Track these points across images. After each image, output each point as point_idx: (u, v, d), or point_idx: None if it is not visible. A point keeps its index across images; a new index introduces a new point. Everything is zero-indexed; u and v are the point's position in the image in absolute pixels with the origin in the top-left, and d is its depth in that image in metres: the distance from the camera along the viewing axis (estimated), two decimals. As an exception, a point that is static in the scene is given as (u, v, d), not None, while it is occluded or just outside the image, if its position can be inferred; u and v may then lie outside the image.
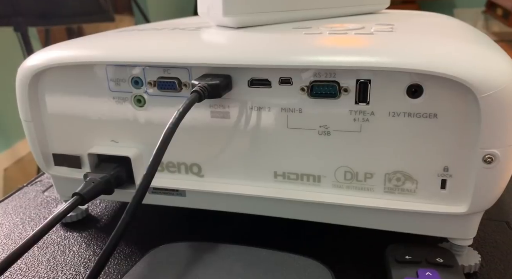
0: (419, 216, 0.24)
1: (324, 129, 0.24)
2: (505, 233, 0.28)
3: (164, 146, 0.20)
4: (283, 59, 0.22)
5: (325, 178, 0.25)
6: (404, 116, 0.22)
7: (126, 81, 0.26)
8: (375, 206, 0.24)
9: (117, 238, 0.18)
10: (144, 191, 0.19)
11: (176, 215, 0.32)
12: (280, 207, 0.26)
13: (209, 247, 0.25)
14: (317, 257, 0.23)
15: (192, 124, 0.26)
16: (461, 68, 0.20)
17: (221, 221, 0.31)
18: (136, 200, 0.19)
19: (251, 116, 0.25)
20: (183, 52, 0.24)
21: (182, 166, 0.27)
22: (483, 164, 0.21)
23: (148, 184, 0.19)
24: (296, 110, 0.24)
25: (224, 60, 0.23)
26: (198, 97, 0.22)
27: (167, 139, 0.20)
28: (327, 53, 0.22)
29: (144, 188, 0.19)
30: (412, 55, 0.21)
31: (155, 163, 0.19)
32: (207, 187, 0.27)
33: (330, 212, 0.25)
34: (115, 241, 0.18)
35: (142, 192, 0.19)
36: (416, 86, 0.22)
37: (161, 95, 0.26)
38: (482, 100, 0.20)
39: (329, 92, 0.23)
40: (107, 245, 0.18)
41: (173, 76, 0.25)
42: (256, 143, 0.25)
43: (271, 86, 0.24)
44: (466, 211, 0.22)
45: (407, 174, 0.23)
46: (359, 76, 0.22)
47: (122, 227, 0.18)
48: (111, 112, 0.27)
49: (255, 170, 0.26)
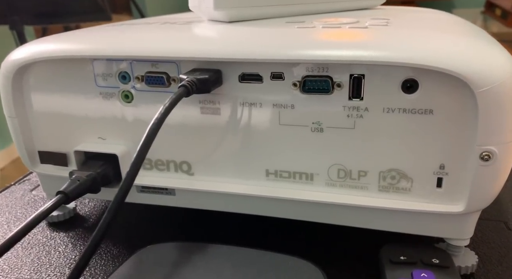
0: (414, 215, 0.23)
1: (317, 126, 0.23)
2: (503, 233, 0.27)
3: (148, 142, 0.19)
4: (274, 53, 0.22)
5: (318, 176, 0.24)
6: (399, 112, 0.22)
7: (113, 76, 0.25)
8: (369, 205, 0.23)
9: (99, 239, 0.17)
10: (127, 188, 0.18)
11: (166, 215, 0.31)
12: (272, 206, 0.25)
13: (198, 247, 0.25)
14: (309, 258, 0.23)
15: (181, 121, 0.25)
16: (458, 62, 0.19)
17: (211, 221, 0.30)
18: (119, 199, 0.18)
19: (242, 112, 0.24)
20: (172, 45, 0.24)
21: (172, 163, 0.27)
22: (480, 162, 0.20)
23: (131, 181, 0.18)
24: (288, 107, 0.23)
25: (214, 54, 0.23)
26: (186, 92, 0.21)
27: (151, 135, 0.19)
28: (320, 47, 0.21)
29: (127, 185, 0.18)
30: (407, 49, 0.20)
31: (139, 159, 0.18)
32: (197, 186, 0.26)
33: (323, 211, 0.25)
34: (96, 241, 0.17)
35: (125, 190, 0.18)
36: (411, 81, 0.21)
37: (149, 90, 0.25)
38: (479, 96, 0.19)
39: (322, 88, 0.22)
40: (88, 246, 0.17)
41: (161, 71, 0.24)
42: (248, 140, 0.24)
43: (262, 81, 0.23)
44: (462, 210, 0.22)
45: (402, 172, 0.23)
46: (353, 71, 0.22)
47: (103, 226, 0.18)
48: (98, 108, 0.26)
49: (247, 168, 0.25)
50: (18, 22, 1.08)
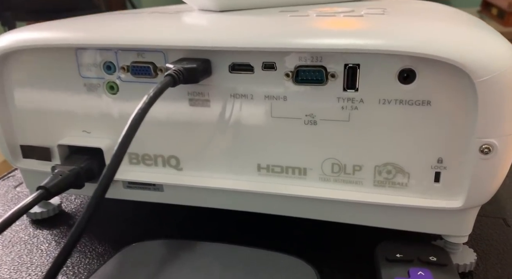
0: (411, 211, 0.22)
1: (310, 119, 0.22)
2: (502, 230, 0.26)
3: (130, 134, 0.18)
4: (265, 41, 0.21)
5: (311, 171, 0.23)
6: (396, 103, 0.21)
7: (97, 66, 0.24)
8: (364, 201, 0.22)
9: (77, 237, 0.16)
10: (107, 183, 0.17)
11: (154, 212, 0.30)
12: (263, 202, 0.24)
13: (186, 245, 0.24)
14: (301, 256, 0.22)
15: (169, 113, 0.24)
16: (457, 51, 0.18)
17: (201, 218, 0.29)
18: (98, 194, 0.17)
19: (233, 104, 0.23)
20: (158, 34, 0.23)
21: (159, 158, 0.26)
22: (479, 155, 0.20)
23: (112, 175, 0.17)
24: (280, 98, 0.22)
25: (202, 43, 0.22)
26: (172, 82, 0.20)
27: (134, 126, 0.18)
28: (313, 35, 0.21)
29: (107, 179, 0.17)
30: (404, 36, 0.20)
31: (120, 152, 0.17)
32: (186, 181, 0.25)
33: (316, 207, 0.24)
34: (74, 239, 0.16)
35: (105, 185, 0.17)
36: (408, 71, 0.20)
37: (135, 81, 0.24)
38: (479, 85, 0.18)
39: (316, 78, 0.21)
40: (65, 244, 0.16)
41: (148, 60, 0.23)
42: (238, 133, 0.24)
43: (253, 71, 0.22)
44: (461, 206, 0.21)
45: (398, 166, 0.22)
46: (347, 61, 0.21)
47: (82, 224, 0.16)
48: (82, 100, 0.25)
49: (237, 163, 0.24)
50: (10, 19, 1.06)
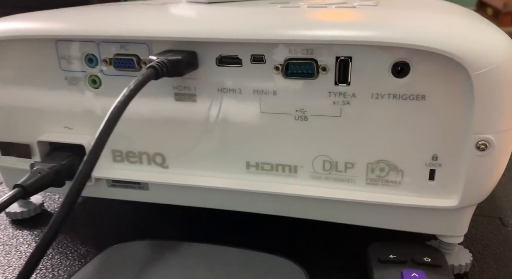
0: (404, 211, 0.22)
1: (300, 114, 0.21)
2: (498, 230, 0.26)
3: (109, 128, 0.17)
4: (254, 32, 0.20)
5: (302, 169, 0.23)
6: (389, 98, 0.20)
7: (79, 59, 0.23)
8: (356, 199, 0.22)
9: (50, 238, 0.15)
10: (83, 181, 0.16)
11: (140, 211, 0.29)
12: (252, 200, 0.24)
13: (171, 245, 0.23)
14: (291, 257, 0.21)
15: (154, 109, 0.23)
16: (453, 43, 0.18)
17: (188, 217, 0.28)
18: (74, 191, 0.16)
19: (220, 99, 0.22)
20: (142, 25, 0.22)
21: (144, 155, 0.25)
22: (476, 151, 0.19)
23: (88, 173, 0.16)
24: (270, 93, 0.21)
25: (188, 34, 0.21)
26: (155, 74, 0.19)
27: (112, 120, 0.17)
28: (304, 26, 0.20)
29: (83, 177, 0.16)
30: (398, 28, 0.19)
31: (97, 148, 0.16)
32: (172, 179, 0.24)
33: (307, 206, 0.23)
34: (48, 240, 0.15)
35: (81, 182, 0.16)
36: (402, 64, 0.19)
37: (118, 75, 0.23)
38: (476, 79, 0.18)
39: (306, 72, 0.21)
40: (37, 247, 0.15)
41: (131, 53, 0.22)
42: (226, 129, 0.23)
43: (241, 65, 0.21)
44: (456, 205, 0.20)
45: (392, 163, 0.21)
46: (339, 53, 0.20)
47: (56, 224, 0.15)
48: (64, 94, 0.24)
49: (225, 160, 0.23)
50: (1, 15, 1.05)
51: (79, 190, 0.16)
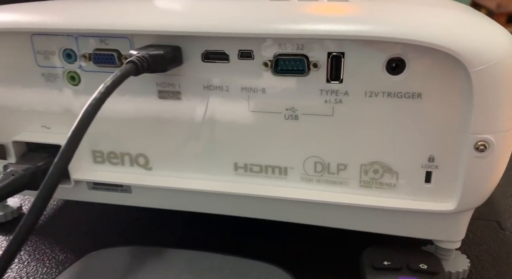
0: (399, 215, 0.21)
1: (291, 113, 0.20)
2: (496, 234, 0.25)
3: (82, 128, 0.16)
4: (242, 26, 0.19)
5: (292, 170, 0.22)
6: (383, 96, 0.19)
7: (56, 54, 0.22)
8: (349, 203, 0.21)
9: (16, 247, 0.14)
10: (54, 183, 0.15)
11: (124, 215, 0.28)
12: (240, 204, 0.23)
13: (154, 252, 0.21)
14: (280, 263, 0.20)
15: (136, 107, 0.22)
16: (451, 38, 0.17)
17: (174, 222, 0.27)
18: (43, 195, 0.15)
19: (206, 97, 0.21)
20: (123, 18, 0.21)
21: (126, 156, 0.23)
22: (474, 152, 0.18)
23: (59, 174, 0.15)
24: (258, 90, 0.20)
25: (172, 27, 0.20)
26: (135, 70, 0.18)
27: (86, 120, 0.16)
28: (294, 20, 0.19)
29: (53, 179, 0.15)
30: (393, 22, 0.18)
31: (69, 149, 0.15)
32: (156, 182, 0.23)
33: (297, 209, 0.22)
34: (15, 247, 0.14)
35: (51, 185, 0.15)
36: (397, 60, 0.18)
37: (98, 71, 0.22)
38: (475, 76, 0.17)
39: (296, 68, 0.20)
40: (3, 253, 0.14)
41: (112, 47, 0.21)
42: (213, 129, 0.22)
43: (229, 60, 0.20)
44: (454, 209, 0.19)
45: (386, 165, 0.20)
46: (331, 49, 0.19)
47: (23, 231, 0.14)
48: (41, 92, 0.23)
49: (212, 162, 0.22)
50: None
51: (48, 195, 0.15)
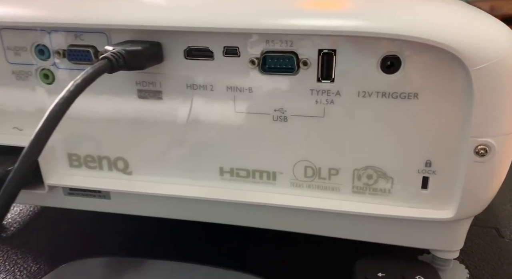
0: (394, 223, 0.19)
1: (279, 114, 0.19)
2: (495, 241, 0.24)
3: (47, 130, 0.14)
4: (226, 21, 0.18)
5: (281, 175, 0.20)
6: (377, 96, 0.18)
7: (28, 50, 0.21)
8: (341, 210, 0.20)
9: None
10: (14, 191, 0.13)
11: (103, 222, 0.26)
12: (226, 211, 0.21)
13: (132, 263, 0.20)
14: (267, 275, 0.19)
15: (114, 107, 0.21)
16: (450, 34, 0.16)
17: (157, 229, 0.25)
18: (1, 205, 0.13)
19: (190, 96, 0.20)
20: (100, 11, 0.19)
21: (104, 160, 0.22)
22: (474, 157, 0.17)
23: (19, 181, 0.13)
24: (245, 90, 0.19)
25: (151, 22, 0.18)
26: (109, 66, 0.17)
27: (52, 121, 0.14)
28: (282, 15, 0.18)
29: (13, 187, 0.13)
30: (387, 17, 0.17)
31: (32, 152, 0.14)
32: (136, 187, 0.22)
33: (287, 217, 0.21)
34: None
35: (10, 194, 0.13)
36: (393, 58, 0.17)
37: (73, 68, 0.20)
38: (475, 75, 0.16)
39: (285, 66, 0.19)
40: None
41: (88, 43, 0.20)
42: (197, 131, 0.20)
43: (213, 58, 0.19)
44: (452, 217, 0.18)
45: (380, 170, 0.19)
46: (322, 46, 0.18)
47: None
48: (12, 91, 0.22)
49: (196, 166, 0.21)
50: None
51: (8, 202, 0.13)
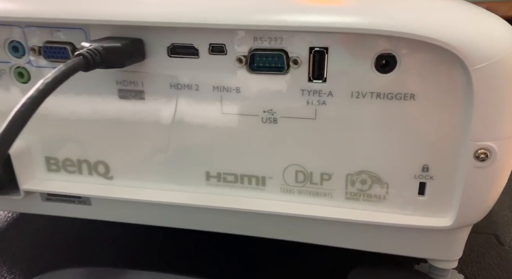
0: (389, 230, 0.19)
1: (269, 116, 0.18)
2: (494, 249, 0.23)
3: (12, 133, 0.13)
4: (212, 16, 0.17)
5: (271, 180, 0.19)
6: (372, 97, 0.17)
7: (1, 47, 0.20)
8: (333, 217, 0.19)
9: None
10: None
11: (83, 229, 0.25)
12: (213, 218, 0.20)
13: (110, 273, 0.19)
14: None
15: (94, 108, 0.20)
16: (448, 31, 0.15)
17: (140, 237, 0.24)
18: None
19: (174, 97, 0.19)
20: (78, 5, 0.18)
21: (84, 164, 0.21)
22: (474, 162, 0.16)
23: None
24: (232, 90, 0.18)
25: (132, 17, 0.17)
26: (84, 64, 0.16)
27: (17, 122, 0.13)
28: (270, 10, 0.17)
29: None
30: (382, 13, 0.16)
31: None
32: (118, 193, 0.21)
33: (276, 224, 0.20)
34: None
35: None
36: (388, 56, 0.16)
37: (49, 66, 0.19)
38: (475, 74, 0.15)
39: (274, 65, 0.18)
40: None
41: (65, 40, 0.19)
42: (181, 133, 0.19)
43: (198, 56, 0.18)
44: (451, 225, 0.17)
45: (375, 174, 0.18)
46: (313, 43, 0.17)
47: None
48: (-15, 90, 0.20)
49: (181, 170, 0.20)
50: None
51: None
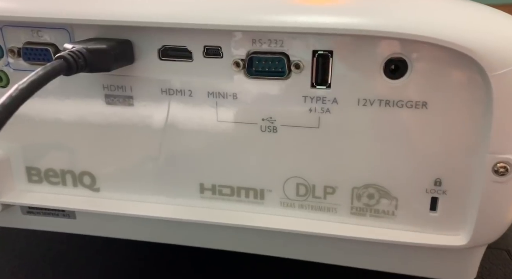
0: (398, 249, 0.18)
1: (268, 124, 0.17)
2: (506, 265, 0.22)
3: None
4: (207, 16, 0.16)
5: (270, 193, 0.19)
6: (380, 105, 0.16)
7: (-23, 48, 0.18)
8: (338, 234, 0.18)
9: None
10: None
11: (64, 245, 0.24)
12: (207, 234, 0.19)
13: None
14: None
15: (79, 114, 0.19)
16: (466, 34, 0.14)
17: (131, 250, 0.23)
18: None
19: (165, 103, 0.18)
20: (61, 4, 0.17)
21: (68, 175, 0.20)
22: (492, 176, 0.15)
23: None
24: (228, 96, 0.17)
25: (120, 17, 0.16)
26: (66, 67, 0.14)
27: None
28: (270, 11, 0.16)
29: None
30: (392, 14, 0.15)
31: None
32: (105, 206, 0.20)
33: (276, 241, 0.19)
34: None
35: None
36: (398, 61, 0.16)
37: (30, 70, 0.18)
38: (495, 81, 0.14)
39: (275, 70, 0.17)
40: None
41: (47, 41, 0.18)
42: (174, 142, 0.18)
43: (192, 59, 0.17)
44: (465, 244, 0.16)
45: (383, 188, 0.17)
46: (317, 46, 0.16)
47: None
48: (-39, 94, 0.19)
49: (173, 182, 0.19)
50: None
51: None
